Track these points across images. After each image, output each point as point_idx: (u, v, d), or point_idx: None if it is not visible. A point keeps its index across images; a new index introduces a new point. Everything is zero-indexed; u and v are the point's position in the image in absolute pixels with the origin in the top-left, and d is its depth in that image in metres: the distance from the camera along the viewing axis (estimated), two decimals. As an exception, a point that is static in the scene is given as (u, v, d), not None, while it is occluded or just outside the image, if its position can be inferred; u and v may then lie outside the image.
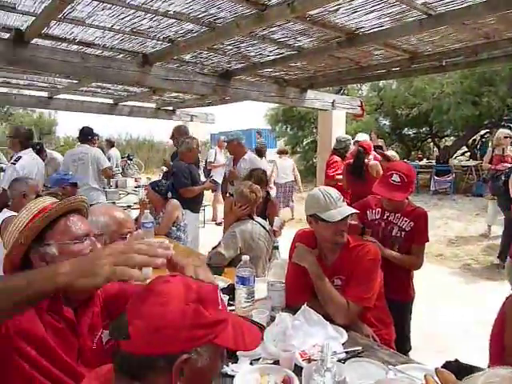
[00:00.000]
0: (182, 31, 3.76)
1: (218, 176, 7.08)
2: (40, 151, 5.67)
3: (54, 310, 1.26)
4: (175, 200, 4.02)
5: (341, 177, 5.18)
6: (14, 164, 4.15)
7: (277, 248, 2.39)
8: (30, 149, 4.40)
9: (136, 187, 8.17)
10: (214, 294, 0.97)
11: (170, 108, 8.77)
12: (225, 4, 3.06)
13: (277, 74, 5.33)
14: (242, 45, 4.11)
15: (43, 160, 5.12)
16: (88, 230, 1.39)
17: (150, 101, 8.26)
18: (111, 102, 8.11)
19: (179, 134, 5.34)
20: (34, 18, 3.44)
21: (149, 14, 3.36)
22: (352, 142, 5.68)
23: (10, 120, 31.70)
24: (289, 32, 3.66)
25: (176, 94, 7.31)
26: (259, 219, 3.32)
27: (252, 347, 1.01)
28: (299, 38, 3.82)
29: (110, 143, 9.18)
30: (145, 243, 0.94)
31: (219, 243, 3.18)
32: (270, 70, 5.00)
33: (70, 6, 3.09)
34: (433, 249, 6.30)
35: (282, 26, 3.48)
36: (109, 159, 7.92)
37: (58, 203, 1.36)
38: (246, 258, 2.07)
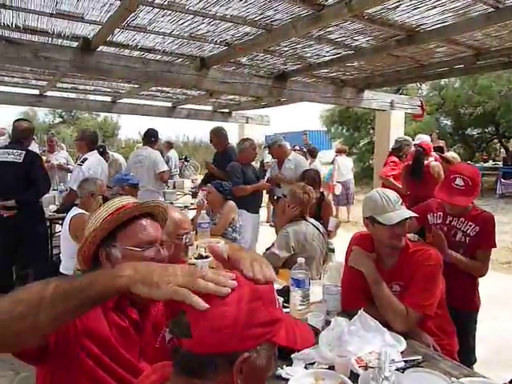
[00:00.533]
0: (238, 34, 3.80)
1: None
2: (103, 153, 5.96)
3: (119, 308, 1.31)
4: (232, 201, 4.07)
5: (391, 179, 5.05)
6: (81, 165, 4.39)
7: (332, 251, 2.35)
8: (95, 151, 4.63)
9: (192, 188, 8.39)
10: (272, 292, 0.96)
11: (226, 110, 8.90)
12: (281, 6, 3.06)
13: (333, 74, 5.26)
14: (298, 46, 4.09)
15: (106, 161, 5.37)
16: (155, 238, 1.39)
17: (206, 103, 8.43)
18: (170, 105, 8.37)
19: (216, 136, 5.45)
20: (99, 26, 3.62)
21: (207, 19, 3.43)
22: (412, 143, 5.49)
23: (76, 124, 33.59)
24: (346, 31, 3.60)
25: (232, 97, 7.41)
26: (312, 220, 3.29)
27: (305, 346, 1.01)
28: (356, 38, 3.74)
29: (169, 145, 9.47)
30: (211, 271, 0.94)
31: (273, 244, 3.18)
32: (326, 70, 4.94)
33: (133, 14, 3.22)
34: (499, 256, 5.94)
35: (339, 25, 3.42)
36: (167, 161, 8.21)
37: (132, 205, 1.39)
38: (301, 260, 2.05)
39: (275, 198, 5.24)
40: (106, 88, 6.90)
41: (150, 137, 5.63)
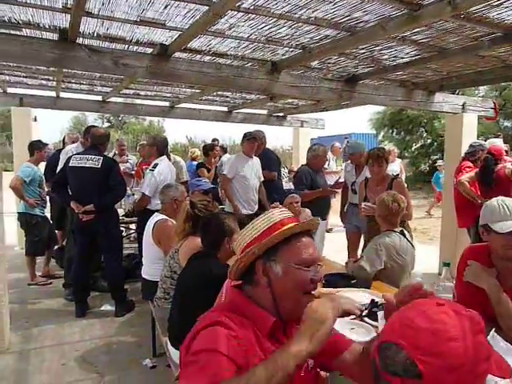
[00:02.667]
0: (317, 37, 3.71)
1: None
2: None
3: (275, 337, 1.27)
4: (308, 210, 3.99)
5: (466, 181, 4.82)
6: (152, 171, 4.43)
7: (448, 265, 2.20)
8: (165, 156, 4.66)
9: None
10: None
11: (281, 114, 8.83)
12: (373, 6, 2.94)
13: (404, 76, 5.07)
14: (377, 48, 3.95)
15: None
16: (316, 258, 1.33)
17: (262, 107, 8.39)
18: (226, 109, 8.39)
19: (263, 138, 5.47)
20: (178, 32, 3.63)
21: (289, 22, 3.36)
22: (486, 148, 5.21)
23: (124, 128, 34.61)
24: (433, 32, 3.43)
25: (291, 100, 7.33)
26: (405, 233, 3.14)
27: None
28: (443, 38, 3.56)
29: (223, 149, 9.50)
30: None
31: (361, 256, 3.06)
32: (399, 72, 4.77)
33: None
34: None
35: (428, 25, 3.26)
36: (221, 165, 8.21)
37: (295, 220, 1.34)
38: (418, 273, 1.93)
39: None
40: (167, 93, 7.00)
41: None
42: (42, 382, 3.21)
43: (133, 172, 7.08)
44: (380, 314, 2.12)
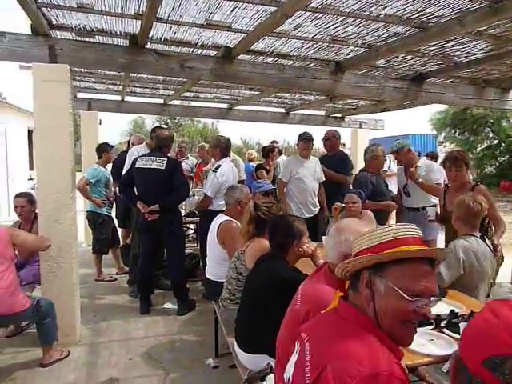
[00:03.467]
0: (385, 35, 3.59)
1: (393, 187, 6.72)
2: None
3: None
4: (370, 212, 3.87)
5: None
6: (215, 172, 4.48)
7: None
8: (228, 157, 4.70)
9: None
10: None
11: (339, 115, 8.68)
12: (449, 0, 2.79)
13: (475, 73, 4.80)
14: (449, 44, 3.76)
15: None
16: (432, 292, 1.21)
17: (320, 108, 8.29)
18: (283, 110, 8.37)
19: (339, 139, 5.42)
20: (244, 34, 3.64)
21: (357, 20, 3.28)
22: None
23: (179, 130, 35.54)
24: (514, 24, 3.21)
25: (350, 101, 7.18)
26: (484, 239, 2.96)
27: None
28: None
29: (279, 151, 9.47)
30: None
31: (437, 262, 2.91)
32: (470, 69, 4.52)
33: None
34: None
35: (510, 18, 3.05)
36: (276, 166, 8.18)
37: (419, 242, 1.25)
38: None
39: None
40: (226, 95, 7.08)
41: None
42: (112, 376, 3.31)
43: (191, 174, 7.22)
44: (462, 325, 2.01)
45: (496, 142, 13.91)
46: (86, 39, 3.76)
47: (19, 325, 3.88)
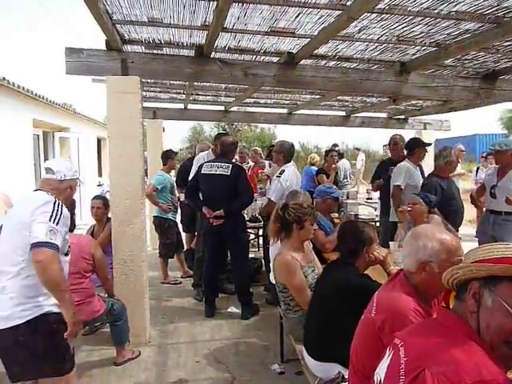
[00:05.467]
0: (455, 33, 3.45)
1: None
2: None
3: None
4: (437, 217, 3.71)
5: None
6: (279, 177, 4.49)
7: None
8: (292, 162, 4.71)
9: (368, 199, 8.08)
10: None
11: (402, 117, 8.42)
12: (529, -8, 2.63)
13: (555, 68, 4.47)
14: (528, 38, 3.54)
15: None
16: None
17: (382, 110, 8.09)
18: (344, 113, 8.25)
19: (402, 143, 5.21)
20: (307, 39, 3.63)
21: (426, 19, 3.17)
22: None
23: (237, 136, 36.07)
24: None
25: (414, 102, 6.94)
26: None
27: None
28: None
29: (340, 155, 9.35)
30: None
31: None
32: (551, 64, 4.22)
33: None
34: None
35: None
36: (338, 171, 8.07)
37: None
38: None
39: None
40: (286, 100, 7.10)
41: None
42: (180, 377, 3.41)
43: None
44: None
45: None
46: (155, 51, 3.93)
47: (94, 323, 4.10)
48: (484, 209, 4.81)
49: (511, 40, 3.59)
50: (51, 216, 2.19)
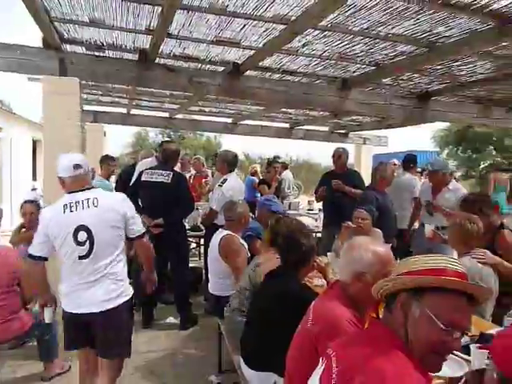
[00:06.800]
0: (392, 54, 3.63)
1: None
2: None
3: None
4: (378, 230, 3.86)
5: None
6: (221, 186, 4.48)
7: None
8: (234, 172, 4.71)
9: (309, 210, 8.25)
10: None
11: (343, 131, 8.72)
12: (458, 21, 2.82)
13: (481, 93, 4.83)
14: (455, 64, 3.80)
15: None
16: (466, 327, 1.23)
17: (324, 124, 8.33)
18: (287, 126, 8.41)
19: (346, 157, 5.38)
20: (253, 51, 3.68)
21: (366, 39, 3.31)
22: None
23: (182, 143, 35.64)
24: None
25: (355, 117, 7.22)
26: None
27: None
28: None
29: (284, 166, 9.49)
30: None
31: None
32: (475, 89, 4.55)
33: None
34: None
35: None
36: (281, 181, 8.19)
37: (461, 276, 1.26)
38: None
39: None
40: (231, 110, 7.12)
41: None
42: (113, 391, 3.27)
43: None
44: (473, 347, 1.98)
45: (499, 159, 13.98)
46: (97, 53, 3.81)
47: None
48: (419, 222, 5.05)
49: (442, 64, 3.84)
50: None
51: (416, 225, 5.21)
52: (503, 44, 3.16)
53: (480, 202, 3.38)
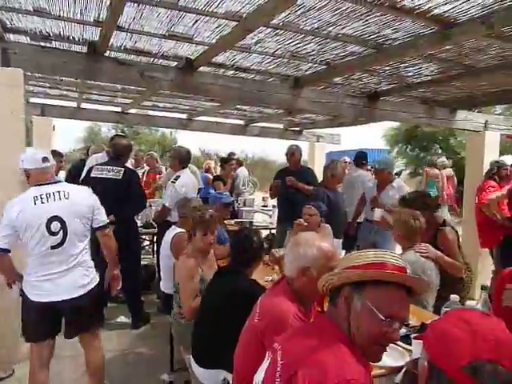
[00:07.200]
0: (342, 54, 3.72)
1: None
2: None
3: None
4: (328, 226, 3.94)
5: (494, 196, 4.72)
6: (174, 183, 4.42)
7: (486, 289, 2.13)
8: (187, 169, 4.66)
9: (263, 206, 8.30)
10: None
11: (297, 129, 8.83)
12: (403, 24, 2.93)
13: (426, 94, 5.04)
14: (402, 65, 3.94)
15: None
16: (403, 318, 1.29)
17: (279, 122, 8.41)
18: (242, 123, 8.42)
19: (299, 154, 5.44)
20: (205, 47, 3.65)
21: (317, 38, 3.37)
22: (508, 165, 5.16)
23: (136, 139, 34.85)
24: (462, 49, 3.40)
25: (308, 115, 7.33)
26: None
27: None
28: (472, 56, 3.54)
29: (239, 162, 9.49)
30: None
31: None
32: (421, 90, 4.74)
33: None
34: None
35: (459, 43, 3.23)
36: (236, 178, 8.20)
37: (401, 269, 1.31)
38: (455, 297, 1.88)
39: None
40: (185, 106, 7.05)
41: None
42: (59, 394, 3.17)
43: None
44: (412, 337, 2.07)
45: (466, 161, 14.54)
46: (42, 44, 3.65)
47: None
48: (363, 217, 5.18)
49: (390, 65, 3.97)
50: None
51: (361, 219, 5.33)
52: (446, 47, 3.34)
53: (420, 198, 3.53)
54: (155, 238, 5.86)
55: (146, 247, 7.42)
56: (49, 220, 2.53)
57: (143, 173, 7.70)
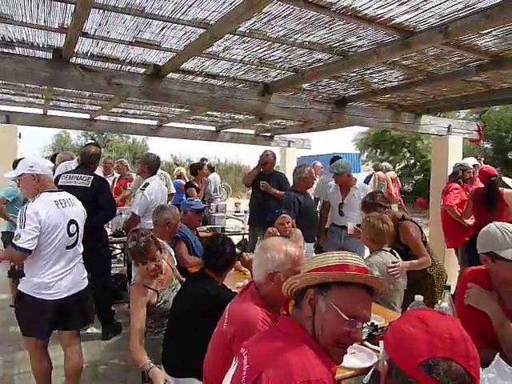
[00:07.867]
0: (309, 61, 3.78)
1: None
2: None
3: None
4: (298, 230, 3.98)
5: (455, 209, 4.90)
6: (143, 190, 4.37)
7: (448, 289, 2.19)
8: (156, 175, 4.63)
9: (236, 212, 8.30)
10: None
11: (268, 134, 8.90)
12: (366, 32, 3.01)
13: (392, 99, 5.18)
14: (367, 72, 4.04)
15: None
16: (366, 317, 1.33)
17: (250, 127, 8.45)
18: (213, 129, 8.42)
19: (274, 159, 5.50)
20: (173, 54, 3.65)
21: (283, 46, 3.42)
22: (470, 168, 5.35)
23: (107, 146, 34.31)
24: (423, 57, 3.53)
25: (279, 121, 7.40)
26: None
27: None
28: (432, 63, 3.67)
29: (210, 168, 9.47)
30: None
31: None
32: (387, 95, 4.87)
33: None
34: None
35: (419, 50, 3.34)
36: (207, 183, 8.17)
37: (364, 270, 1.36)
38: (419, 298, 1.93)
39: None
40: (155, 112, 7.00)
41: None
42: (27, 410, 3.09)
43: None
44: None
45: (412, 161, 15.08)
46: (5, 50, 3.58)
47: None
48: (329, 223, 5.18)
49: (356, 72, 4.07)
50: None
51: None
52: (408, 55, 3.45)
53: (377, 196, 3.65)
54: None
55: (118, 255, 7.30)
56: (69, 223, 2.87)
57: (113, 180, 7.58)
